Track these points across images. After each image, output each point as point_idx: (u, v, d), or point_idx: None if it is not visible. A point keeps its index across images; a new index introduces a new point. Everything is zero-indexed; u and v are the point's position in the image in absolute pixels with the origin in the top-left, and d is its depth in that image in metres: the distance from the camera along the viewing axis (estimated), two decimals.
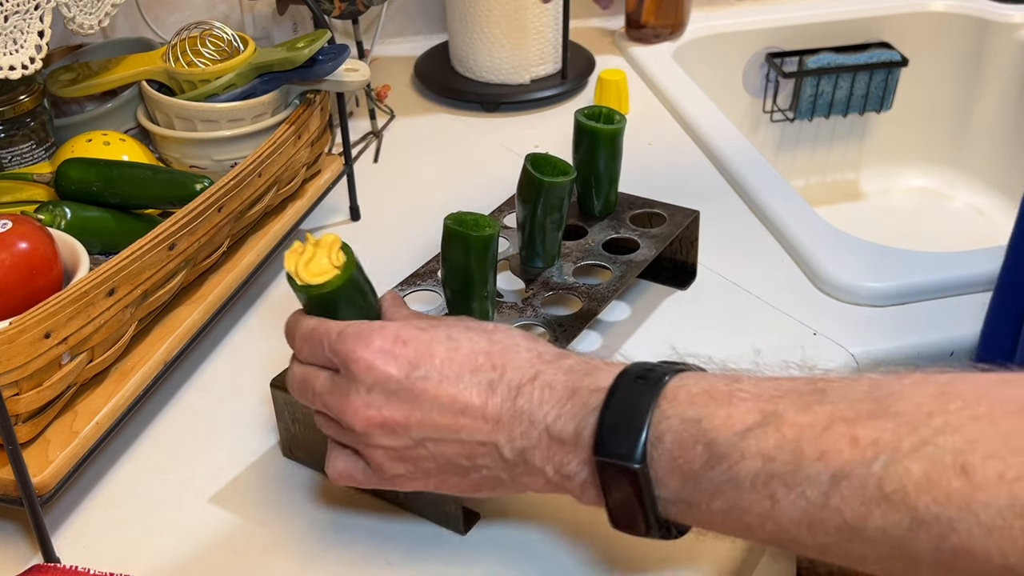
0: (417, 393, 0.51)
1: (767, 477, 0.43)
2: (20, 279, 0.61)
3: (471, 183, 0.98)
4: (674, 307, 0.80)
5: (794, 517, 0.42)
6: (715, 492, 0.45)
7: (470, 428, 0.51)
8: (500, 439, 0.50)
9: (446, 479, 0.53)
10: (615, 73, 1.08)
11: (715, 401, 0.46)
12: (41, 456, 0.60)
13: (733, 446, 0.44)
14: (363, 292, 0.57)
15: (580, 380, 0.50)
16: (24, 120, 0.81)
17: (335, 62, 0.82)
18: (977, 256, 0.83)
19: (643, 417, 0.47)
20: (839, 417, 0.42)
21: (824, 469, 0.41)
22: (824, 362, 0.74)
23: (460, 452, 0.51)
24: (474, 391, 0.51)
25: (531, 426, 0.50)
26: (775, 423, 0.43)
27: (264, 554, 0.61)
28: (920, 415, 0.40)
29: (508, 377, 0.51)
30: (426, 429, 0.51)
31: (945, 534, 0.38)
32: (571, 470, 0.49)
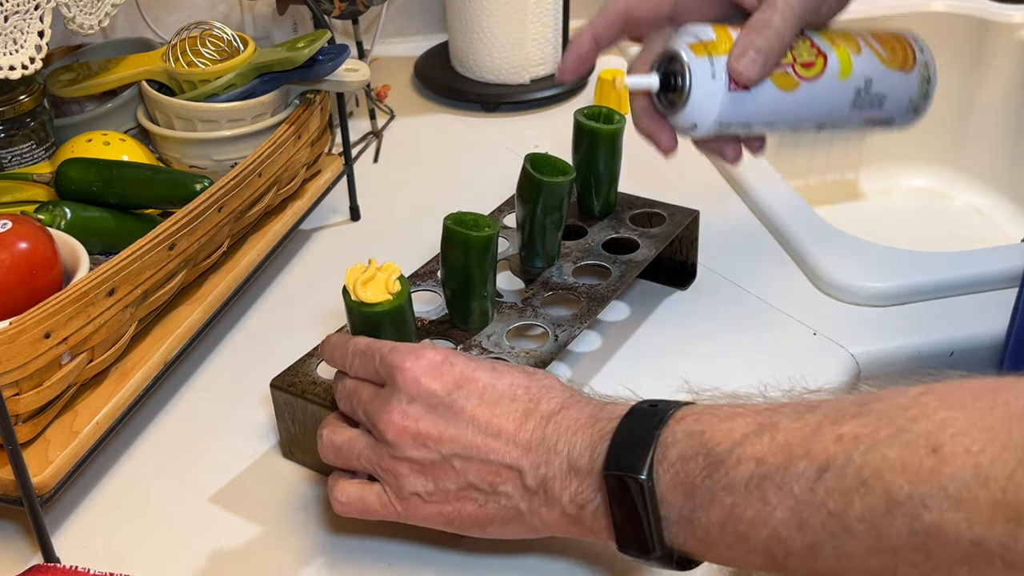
0: (456, 411, 0.53)
1: (760, 479, 0.44)
2: (20, 279, 0.61)
3: (471, 183, 0.98)
4: (674, 307, 0.80)
5: (784, 518, 0.43)
6: (712, 500, 0.46)
7: (500, 451, 0.52)
8: (526, 465, 0.51)
9: (462, 505, 0.53)
10: (615, 73, 1.08)
11: (717, 417, 0.47)
12: (41, 456, 0.60)
13: (729, 453, 0.45)
14: (406, 323, 0.62)
15: (600, 411, 0.52)
16: (24, 120, 0.81)
17: (335, 62, 0.82)
18: (977, 256, 0.83)
19: (650, 433, 0.48)
20: (827, 420, 0.44)
21: (810, 465, 0.42)
22: (824, 362, 0.75)
23: (484, 474, 0.52)
24: (509, 418, 0.53)
25: (555, 454, 0.51)
26: (770, 431, 0.45)
27: (264, 554, 0.61)
28: (898, 410, 0.42)
29: (541, 408, 0.53)
30: (457, 446, 0.52)
31: (918, 513, 0.39)
32: (585, 497, 0.50)
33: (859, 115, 0.67)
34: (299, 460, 0.67)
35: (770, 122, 0.64)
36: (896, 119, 0.69)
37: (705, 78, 0.61)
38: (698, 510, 0.46)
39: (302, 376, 0.64)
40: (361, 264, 0.61)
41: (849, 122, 0.68)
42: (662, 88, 0.63)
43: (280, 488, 0.65)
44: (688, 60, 0.61)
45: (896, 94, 0.68)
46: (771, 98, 0.63)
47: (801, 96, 0.64)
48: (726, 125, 0.63)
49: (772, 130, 0.66)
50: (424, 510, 0.54)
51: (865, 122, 0.68)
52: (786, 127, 0.66)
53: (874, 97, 0.67)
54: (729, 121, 0.63)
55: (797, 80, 0.63)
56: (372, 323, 0.60)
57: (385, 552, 0.60)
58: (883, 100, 0.67)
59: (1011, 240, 1.22)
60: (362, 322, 0.61)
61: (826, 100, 0.66)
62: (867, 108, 0.67)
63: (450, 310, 0.69)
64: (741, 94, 0.61)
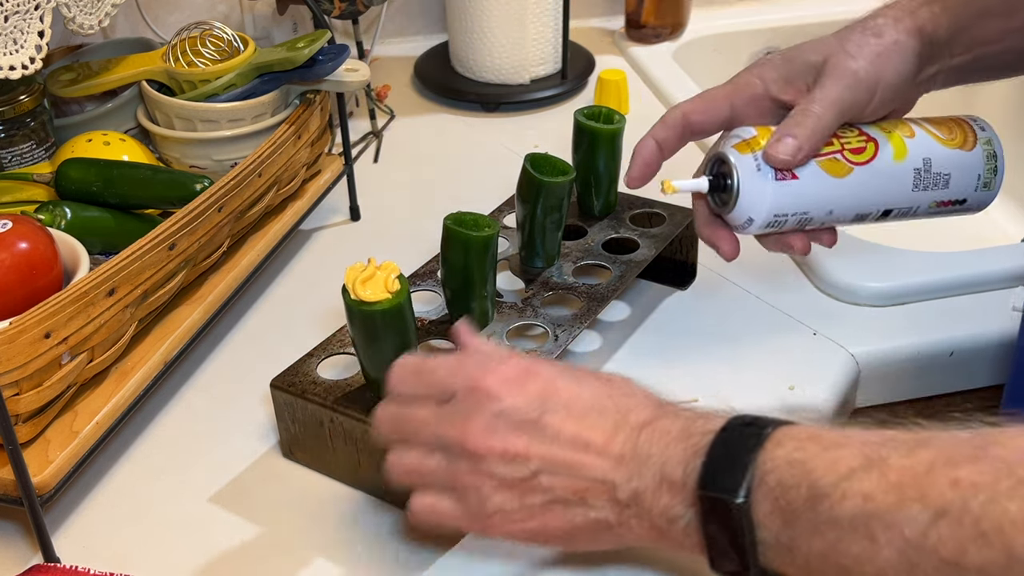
0: (542, 426, 0.51)
1: (867, 517, 0.43)
2: (20, 279, 0.61)
3: (471, 183, 0.98)
4: (674, 307, 0.80)
5: (891, 558, 0.42)
6: (815, 532, 0.45)
7: (591, 465, 0.50)
8: (618, 478, 0.50)
9: (547, 521, 0.52)
10: (615, 73, 1.08)
11: (820, 445, 0.46)
12: (41, 456, 0.60)
13: (835, 487, 0.44)
14: (405, 322, 0.61)
15: (693, 424, 0.50)
16: (24, 120, 0.81)
17: (335, 62, 0.82)
18: (977, 256, 0.83)
19: (750, 455, 0.47)
20: (941, 461, 0.42)
21: (924, 509, 0.41)
22: (824, 362, 0.75)
23: (573, 489, 0.51)
24: (598, 430, 0.51)
25: (647, 467, 0.50)
26: (879, 467, 0.44)
27: (264, 554, 0.61)
28: (1019, 458, 0.41)
29: (631, 420, 0.51)
30: (545, 462, 0.51)
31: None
32: (676, 513, 0.49)
33: (926, 198, 0.65)
34: (299, 460, 0.66)
35: (829, 210, 0.63)
36: (968, 199, 0.67)
37: (750, 171, 0.61)
38: (799, 539, 0.45)
39: (302, 376, 0.64)
40: (360, 263, 0.61)
41: (918, 206, 0.66)
42: (713, 190, 0.64)
43: (280, 488, 0.65)
44: (732, 158, 0.62)
45: (961, 173, 0.66)
46: (823, 185, 0.62)
47: (855, 181, 0.63)
48: (783, 216, 0.63)
49: (835, 220, 0.65)
50: (507, 527, 0.52)
51: (937, 205, 0.66)
52: (849, 215, 0.65)
53: (937, 177, 0.65)
54: (785, 212, 0.62)
55: (849, 166, 0.63)
56: (372, 322, 0.60)
57: (384, 552, 0.60)
58: (948, 180, 0.65)
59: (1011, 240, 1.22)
60: (362, 321, 0.61)
61: (884, 185, 0.64)
62: (932, 189, 0.65)
63: (450, 310, 0.69)
64: (790, 183, 0.61)
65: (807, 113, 0.61)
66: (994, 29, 0.65)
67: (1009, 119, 1.30)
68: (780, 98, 0.64)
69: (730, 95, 0.65)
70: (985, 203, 0.69)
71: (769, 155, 0.61)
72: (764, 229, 0.64)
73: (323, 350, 0.66)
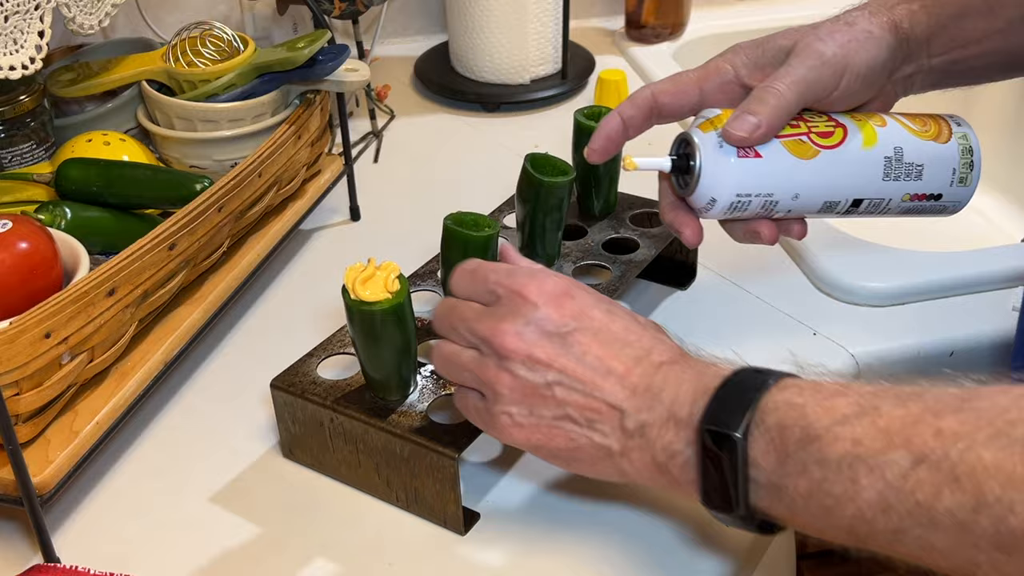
0: (570, 342, 0.54)
1: (853, 459, 0.45)
2: (20, 279, 0.61)
3: (471, 183, 0.98)
4: (674, 307, 0.80)
5: (871, 499, 0.44)
6: (803, 471, 0.46)
7: (606, 388, 0.53)
8: (629, 407, 0.53)
9: (553, 435, 0.54)
10: (615, 73, 1.08)
11: (820, 393, 0.48)
12: (41, 456, 0.60)
13: (828, 430, 0.46)
14: (404, 322, 0.61)
15: (707, 369, 0.53)
16: (24, 120, 0.81)
17: (335, 62, 0.82)
18: (977, 256, 0.83)
19: (753, 395, 0.49)
20: (929, 412, 0.44)
21: (906, 455, 0.43)
22: (824, 362, 0.74)
23: (584, 407, 0.53)
24: (620, 359, 0.54)
25: (658, 402, 0.52)
26: (871, 414, 0.46)
27: (264, 554, 0.61)
28: (998, 411, 0.42)
29: (652, 357, 0.54)
30: (564, 375, 0.53)
31: (1004, 516, 0.40)
32: (677, 448, 0.51)
33: (898, 189, 0.64)
34: (299, 460, 0.66)
35: (795, 194, 0.62)
36: (944, 194, 0.65)
37: (712, 149, 0.60)
38: (787, 478, 0.47)
39: (302, 376, 0.64)
40: (360, 263, 0.61)
41: (890, 198, 0.64)
42: (677, 171, 0.63)
43: (280, 488, 0.65)
44: (695, 137, 0.61)
45: (935, 165, 0.64)
46: (788, 166, 0.61)
47: (822, 165, 0.61)
48: (746, 197, 0.61)
49: (802, 207, 0.63)
50: (513, 432, 0.55)
51: (910, 198, 0.64)
52: (817, 202, 0.63)
53: (909, 167, 0.63)
54: (748, 191, 0.61)
55: (816, 148, 0.61)
56: (371, 322, 0.60)
57: (384, 552, 0.60)
58: (921, 171, 0.64)
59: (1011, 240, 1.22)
60: (361, 321, 0.60)
61: (852, 171, 0.62)
62: (904, 179, 0.63)
63: None
64: (753, 161, 0.60)
65: (769, 90, 0.61)
66: (974, 30, 0.64)
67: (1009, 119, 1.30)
68: (750, 83, 0.64)
69: (700, 80, 0.65)
70: (962, 201, 0.67)
71: (727, 132, 0.60)
72: (728, 212, 0.62)
73: (323, 350, 0.66)
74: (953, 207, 0.67)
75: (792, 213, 0.64)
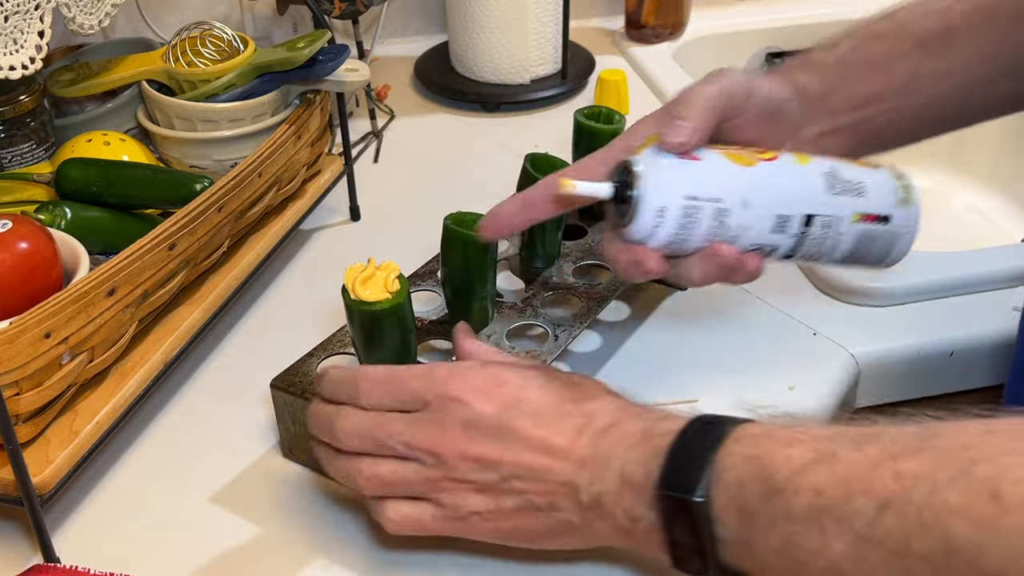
0: (511, 432, 0.53)
1: (819, 511, 0.44)
2: (20, 279, 0.61)
3: (471, 183, 0.98)
4: (674, 307, 0.80)
5: (842, 551, 0.43)
6: (771, 527, 0.46)
7: (555, 469, 0.52)
8: (580, 481, 0.52)
9: (521, 522, 0.54)
10: (615, 73, 1.08)
11: (775, 441, 0.47)
12: (41, 456, 0.60)
13: (789, 481, 0.45)
14: (405, 322, 0.61)
15: (655, 425, 0.52)
16: (24, 120, 0.81)
17: (335, 62, 0.82)
18: (977, 256, 0.84)
19: (708, 454, 0.48)
20: (886, 455, 0.43)
21: (870, 502, 0.42)
22: (824, 362, 0.75)
23: (541, 492, 0.53)
24: (563, 434, 0.53)
25: (608, 469, 0.51)
26: (829, 461, 0.45)
27: (264, 554, 0.61)
28: (958, 449, 0.42)
29: (595, 423, 0.53)
30: (515, 467, 0.53)
31: (977, 560, 0.39)
32: (638, 513, 0.50)
33: (847, 205, 0.61)
34: (299, 460, 0.66)
35: (744, 200, 0.58)
36: (892, 215, 0.63)
37: (652, 159, 0.57)
38: (755, 534, 0.46)
39: (302, 376, 0.64)
40: (360, 263, 0.61)
41: (842, 215, 0.61)
42: (619, 199, 0.58)
43: (280, 488, 0.65)
44: (633, 158, 0.58)
45: (873, 183, 0.62)
46: (731, 171, 0.59)
47: (764, 174, 0.59)
48: (695, 201, 0.57)
49: (755, 220, 0.58)
50: (482, 527, 0.55)
51: (861, 217, 0.61)
52: (769, 215, 0.59)
53: (848, 183, 0.61)
54: (696, 195, 0.57)
55: (754, 158, 0.60)
56: (371, 322, 0.60)
57: (384, 552, 0.60)
58: (863, 188, 0.61)
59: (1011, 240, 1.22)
60: (361, 321, 0.61)
61: (796, 182, 0.60)
62: (849, 195, 0.61)
63: (450, 310, 0.69)
64: (695, 164, 0.58)
65: (691, 95, 0.59)
66: (868, 89, 0.64)
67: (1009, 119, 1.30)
68: None
69: (604, 160, 0.61)
70: (912, 224, 0.64)
71: (664, 141, 0.57)
72: (679, 225, 0.57)
73: (323, 350, 0.66)
74: (905, 232, 0.64)
75: (745, 232, 0.59)
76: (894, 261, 0.65)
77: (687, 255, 0.59)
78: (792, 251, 0.61)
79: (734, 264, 0.58)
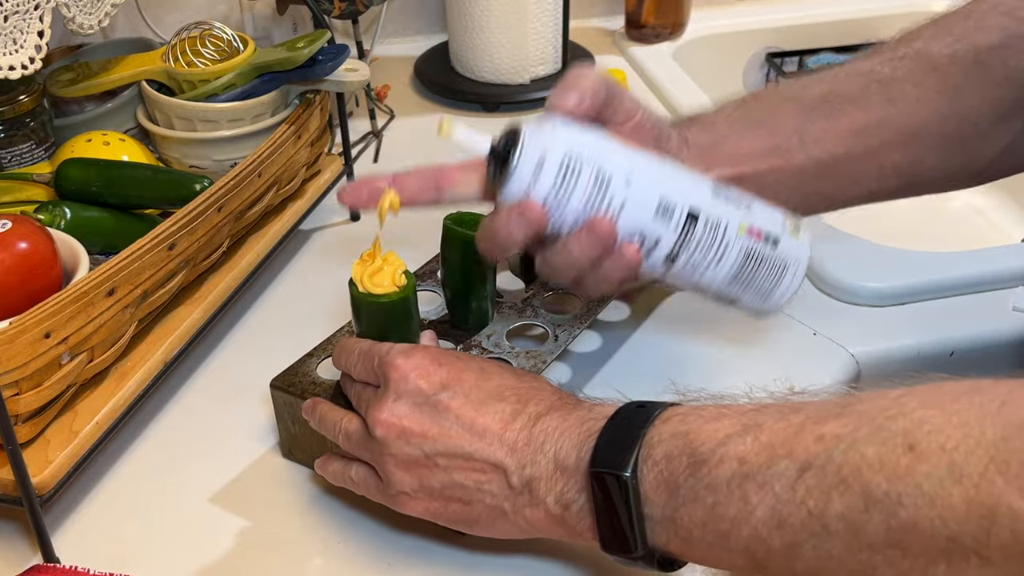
0: (441, 410, 0.54)
1: (741, 478, 0.45)
2: (20, 279, 0.61)
3: None
4: (674, 307, 0.80)
5: (764, 516, 0.44)
6: (695, 499, 0.46)
7: (484, 450, 0.53)
8: (511, 464, 0.52)
9: (448, 504, 0.54)
10: (615, 73, 1.08)
11: (702, 418, 0.48)
12: (41, 456, 0.60)
13: (713, 452, 0.46)
14: (411, 315, 0.62)
15: (588, 412, 0.52)
16: (24, 120, 0.81)
17: (335, 62, 0.82)
18: (977, 256, 0.83)
19: (637, 432, 0.49)
20: (809, 421, 0.44)
21: (791, 464, 0.43)
22: (824, 362, 0.74)
23: (469, 473, 0.53)
24: (496, 417, 0.53)
25: (541, 454, 0.52)
26: (753, 431, 0.46)
27: (264, 554, 0.61)
28: (877, 410, 0.42)
29: (529, 409, 0.54)
30: (441, 444, 0.53)
31: (894, 510, 0.40)
32: (570, 497, 0.51)
33: (734, 215, 0.57)
34: (299, 460, 0.66)
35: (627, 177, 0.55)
36: (780, 240, 0.59)
37: (536, 121, 0.57)
38: (680, 508, 0.47)
39: (302, 376, 0.64)
40: (367, 256, 0.61)
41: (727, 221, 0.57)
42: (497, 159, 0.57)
43: (280, 488, 0.65)
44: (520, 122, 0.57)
45: (762, 207, 0.59)
46: (615, 145, 0.57)
47: (651, 159, 0.57)
48: (576, 162, 0.55)
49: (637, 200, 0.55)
50: (411, 505, 0.56)
51: (748, 232, 0.58)
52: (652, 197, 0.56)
53: (736, 198, 0.58)
54: (578, 154, 0.55)
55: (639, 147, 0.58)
56: (378, 315, 0.60)
57: (384, 552, 0.60)
58: (750, 205, 0.59)
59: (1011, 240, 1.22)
60: (368, 314, 0.61)
61: (681, 175, 0.58)
62: (736, 206, 0.58)
63: (450, 310, 0.69)
64: (580, 128, 0.57)
65: (578, 73, 0.59)
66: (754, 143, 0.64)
67: None
68: None
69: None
70: (801, 259, 0.60)
71: (552, 104, 0.57)
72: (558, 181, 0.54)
73: (323, 350, 0.66)
74: (792, 270, 0.60)
75: (627, 211, 0.55)
76: (779, 300, 0.61)
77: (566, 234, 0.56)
78: (675, 252, 0.57)
79: (612, 244, 0.55)
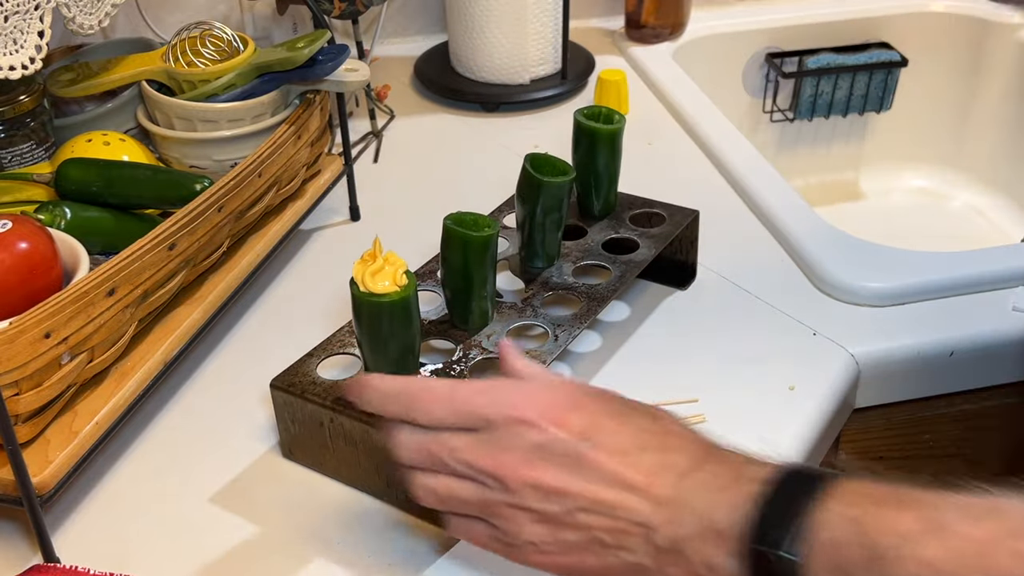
0: (583, 462, 0.49)
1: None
2: (20, 279, 0.61)
3: (471, 183, 0.98)
4: (674, 307, 0.80)
5: None
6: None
7: (630, 507, 0.49)
8: (657, 522, 0.48)
9: (582, 558, 0.50)
10: (615, 73, 1.08)
11: (876, 503, 0.45)
12: (41, 456, 0.60)
13: (893, 549, 0.43)
14: (411, 315, 0.62)
15: (741, 470, 0.48)
16: (24, 120, 0.80)
17: (335, 62, 0.82)
18: (977, 256, 0.84)
19: (803, 510, 0.45)
20: (1004, 531, 0.41)
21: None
22: (824, 362, 0.75)
23: (609, 530, 0.49)
24: (640, 469, 0.49)
25: (690, 513, 0.48)
26: (939, 532, 0.43)
27: (264, 554, 0.61)
28: None
29: (674, 460, 0.49)
30: (584, 500, 0.49)
31: None
32: (719, 562, 0.47)
33: None
34: (299, 460, 0.66)
35: None
36: None
37: None
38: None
39: (302, 376, 0.64)
40: (368, 256, 0.61)
41: None
42: None
43: (280, 488, 0.65)
44: None
45: None
46: None
47: None
48: None
49: None
50: (538, 559, 0.51)
51: None
52: None
53: None
54: None
55: None
56: (379, 314, 0.60)
57: (384, 552, 0.60)
58: None
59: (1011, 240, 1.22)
60: (369, 313, 0.61)
61: None
62: None
63: (450, 310, 0.69)
64: None
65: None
66: None
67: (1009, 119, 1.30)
68: None
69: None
70: None
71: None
72: None
73: (323, 350, 0.66)
74: None
75: None
76: None
77: None
78: None
79: None
